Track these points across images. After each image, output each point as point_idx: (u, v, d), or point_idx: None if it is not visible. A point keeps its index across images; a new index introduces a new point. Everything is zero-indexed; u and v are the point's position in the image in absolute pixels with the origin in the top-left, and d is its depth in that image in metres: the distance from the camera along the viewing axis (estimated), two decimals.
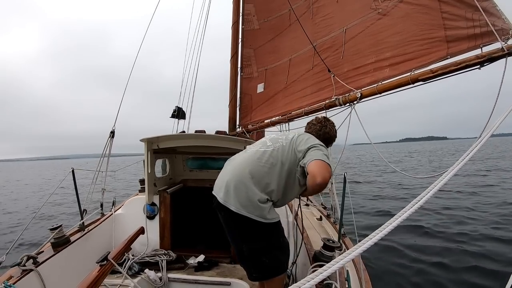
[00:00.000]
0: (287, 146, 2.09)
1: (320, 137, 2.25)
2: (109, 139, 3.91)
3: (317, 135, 2.27)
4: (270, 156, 2.05)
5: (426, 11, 2.76)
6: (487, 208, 7.87)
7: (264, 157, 2.05)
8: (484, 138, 1.19)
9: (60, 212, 10.20)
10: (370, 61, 3.20)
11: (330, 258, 2.26)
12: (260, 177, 1.99)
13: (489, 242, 5.35)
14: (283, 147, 2.09)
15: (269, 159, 2.04)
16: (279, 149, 2.08)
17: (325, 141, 2.27)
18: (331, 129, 2.35)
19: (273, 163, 2.02)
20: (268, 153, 2.07)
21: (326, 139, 2.32)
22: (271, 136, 2.29)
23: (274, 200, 2.03)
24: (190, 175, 4.40)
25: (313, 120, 2.42)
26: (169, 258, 3.20)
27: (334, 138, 2.41)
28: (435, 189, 0.96)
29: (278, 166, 2.01)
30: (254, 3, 5.38)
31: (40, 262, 2.36)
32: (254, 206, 1.92)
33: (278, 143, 2.14)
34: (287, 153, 2.05)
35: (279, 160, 2.03)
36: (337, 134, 2.43)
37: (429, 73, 2.41)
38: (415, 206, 0.92)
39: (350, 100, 3.04)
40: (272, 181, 1.99)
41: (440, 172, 1.35)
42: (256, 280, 2.21)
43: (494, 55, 2.06)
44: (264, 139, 2.29)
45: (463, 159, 1.11)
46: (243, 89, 5.41)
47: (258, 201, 1.93)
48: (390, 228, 0.87)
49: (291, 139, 2.13)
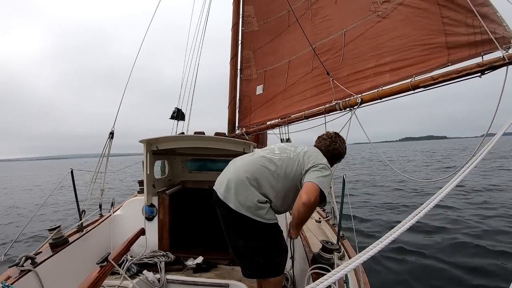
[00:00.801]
0: (294, 159, 2.10)
1: (328, 153, 2.28)
2: (108, 140, 3.90)
3: (326, 150, 2.29)
4: (275, 165, 2.07)
5: (426, 15, 2.75)
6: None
7: (270, 164, 2.07)
8: (495, 139, 1.20)
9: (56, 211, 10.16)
10: (370, 65, 3.20)
11: (329, 261, 2.28)
12: (262, 183, 2.01)
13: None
14: (289, 159, 2.10)
15: (274, 167, 2.05)
16: (285, 160, 2.09)
17: (333, 157, 2.32)
18: (340, 145, 2.36)
19: (277, 172, 2.04)
20: (274, 161, 2.09)
21: (335, 155, 2.34)
22: (280, 145, 2.30)
23: (273, 204, 2.05)
24: (189, 177, 4.40)
25: (324, 135, 2.44)
26: (168, 259, 3.20)
27: (343, 154, 2.42)
28: (441, 196, 0.97)
29: (281, 177, 2.03)
30: (254, 4, 5.38)
31: (38, 263, 2.35)
32: (253, 206, 1.95)
33: (285, 153, 2.15)
34: (292, 166, 2.06)
35: (282, 171, 2.04)
36: (346, 151, 2.44)
37: (430, 80, 2.42)
38: (419, 215, 0.92)
39: (351, 105, 3.04)
40: (272, 188, 2.02)
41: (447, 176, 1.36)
42: (249, 277, 2.24)
43: (495, 64, 2.06)
44: (273, 146, 2.30)
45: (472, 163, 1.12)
46: (242, 90, 5.41)
47: (258, 201, 1.96)
48: (394, 237, 0.88)
49: (298, 154, 2.13)
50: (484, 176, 14.23)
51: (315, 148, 2.31)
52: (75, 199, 3.20)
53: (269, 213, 2.01)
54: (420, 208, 0.95)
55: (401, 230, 0.89)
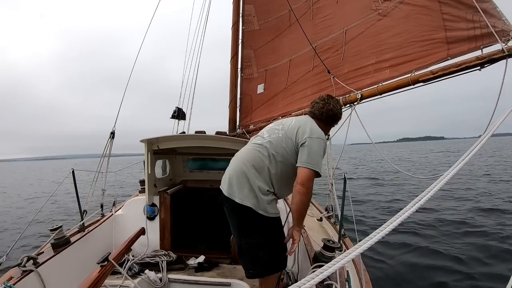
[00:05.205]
0: (283, 137, 2.12)
1: (323, 115, 2.24)
2: (109, 140, 3.91)
3: (319, 113, 2.24)
4: (266, 148, 2.10)
5: (426, 12, 2.76)
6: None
7: (262, 149, 2.10)
8: (484, 138, 1.20)
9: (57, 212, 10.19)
10: (370, 62, 3.21)
11: (331, 259, 2.26)
12: (260, 168, 2.04)
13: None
14: (278, 138, 2.13)
15: (266, 151, 2.08)
16: (273, 142, 2.12)
17: (328, 118, 2.27)
18: (334, 106, 2.28)
19: (270, 154, 2.07)
20: (264, 145, 2.12)
21: (329, 116, 2.27)
22: (269, 127, 2.31)
23: (275, 191, 2.08)
24: (190, 176, 4.40)
25: (317, 98, 2.36)
26: (169, 258, 3.20)
27: (339, 115, 2.35)
28: (436, 189, 0.96)
29: (275, 158, 2.06)
30: (254, 3, 5.39)
31: (40, 263, 2.36)
32: (256, 198, 1.98)
33: (274, 134, 2.17)
34: (281, 143, 2.09)
35: (275, 152, 2.07)
36: (342, 111, 2.39)
37: (429, 74, 2.41)
38: (416, 206, 0.92)
39: (351, 101, 3.05)
40: (270, 172, 2.05)
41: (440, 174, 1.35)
42: (252, 277, 2.23)
43: (494, 57, 2.06)
44: (263, 130, 2.32)
45: (462, 159, 1.11)
46: (243, 89, 5.42)
47: (260, 190, 1.99)
48: (390, 228, 0.87)
49: (286, 131, 2.14)
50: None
51: (306, 118, 2.28)
52: (77, 199, 3.20)
53: (272, 207, 2.04)
54: (419, 197, 0.95)
55: (401, 219, 0.88)
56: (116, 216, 3.56)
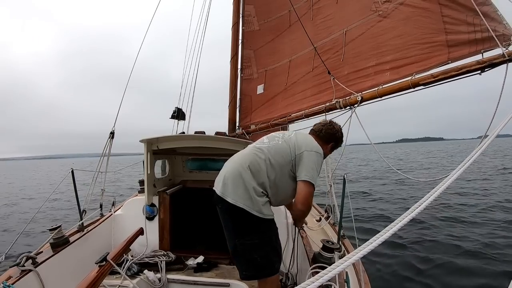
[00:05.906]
0: (282, 145, 2.15)
1: (322, 132, 2.33)
2: (109, 140, 3.90)
3: (319, 130, 2.34)
4: (264, 153, 2.12)
5: (427, 15, 2.76)
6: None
7: (260, 153, 2.12)
8: (488, 140, 1.20)
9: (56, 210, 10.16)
10: (370, 64, 3.20)
11: (330, 260, 2.26)
12: (256, 171, 2.05)
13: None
14: (277, 145, 2.16)
15: (264, 156, 2.10)
16: (272, 147, 2.15)
17: (327, 136, 2.33)
18: (335, 127, 2.38)
19: (267, 160, 2.09)
20: (263, 149, 2.14)
21: (329, 134, 2.34)
22: (270, 134, 2.35)
23: (269, 195, 2.08)
24: (190, 176, 4.39)
25: (319, 122, 2.46)
26: (168, 259, 3.19)
27: (338, 135, 2.40)
28: (438, 192, 0.96)
29: (272, 164, 2.08)
30: (254, 4, 5.38)
31: (39, 263, 2.35)
32: (251, 199, 1.98)
33: (274, 141, 2.21)
34: (281, 153, 2.11)
35: (272, 158, 2.09)
36: (342, 133, 2.44)
37: (430, 77, 2.41)
38: (417, 210, 0.92)
39: (351, 103, 3.04)
40: (265, 176, 2.06)
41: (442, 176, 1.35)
42: (246, 278, 2.24)
43: (495, 61, 2.06)
44: (264, 136, 2.35)
45: (466, 162, 1.11)
46: (243, 90, 5.42)
47: (254, 192, 1.99)
48: (391, 233, 0.87)
49: (286, 140, 2.19)
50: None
51: (306, 133, 2.36)
52: (76, 199, 3.20)
53: (266, 208, 2.04)
54: (421, 201, 0.95)
55: (401, 224, 0.88)
56: (115, 216, 3.55)
